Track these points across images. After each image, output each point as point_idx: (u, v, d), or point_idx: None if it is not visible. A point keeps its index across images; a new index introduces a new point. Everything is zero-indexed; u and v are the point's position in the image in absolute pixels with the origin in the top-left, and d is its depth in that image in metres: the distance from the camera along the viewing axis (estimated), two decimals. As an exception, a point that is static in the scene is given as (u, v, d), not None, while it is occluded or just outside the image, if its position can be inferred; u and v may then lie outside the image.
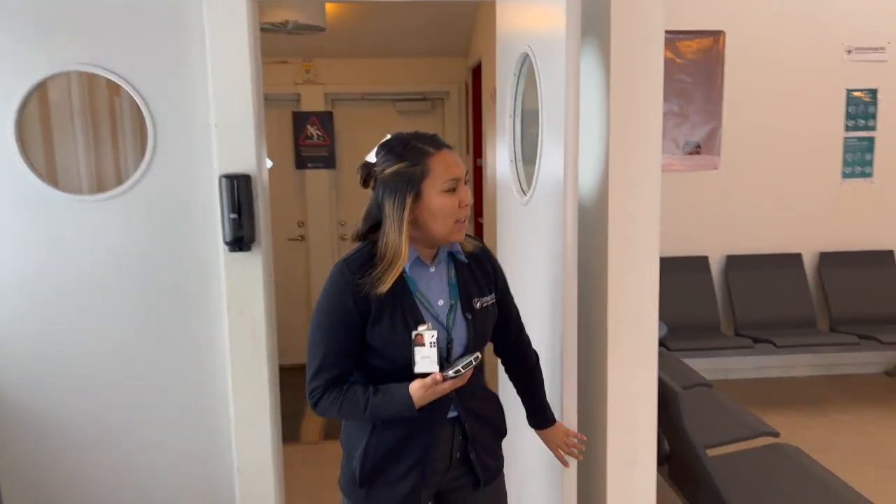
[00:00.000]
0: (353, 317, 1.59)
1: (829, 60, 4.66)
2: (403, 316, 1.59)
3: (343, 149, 5.76)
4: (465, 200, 1.61)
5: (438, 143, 1.62)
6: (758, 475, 2.57)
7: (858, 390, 4.61)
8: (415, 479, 1.66)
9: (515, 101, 2.40)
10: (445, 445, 1.69)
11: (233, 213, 2.58)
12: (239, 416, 2.77)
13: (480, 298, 1.70)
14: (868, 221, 4.81)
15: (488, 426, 1.77)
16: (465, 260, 1.70)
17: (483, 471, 1.74)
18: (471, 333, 1.65)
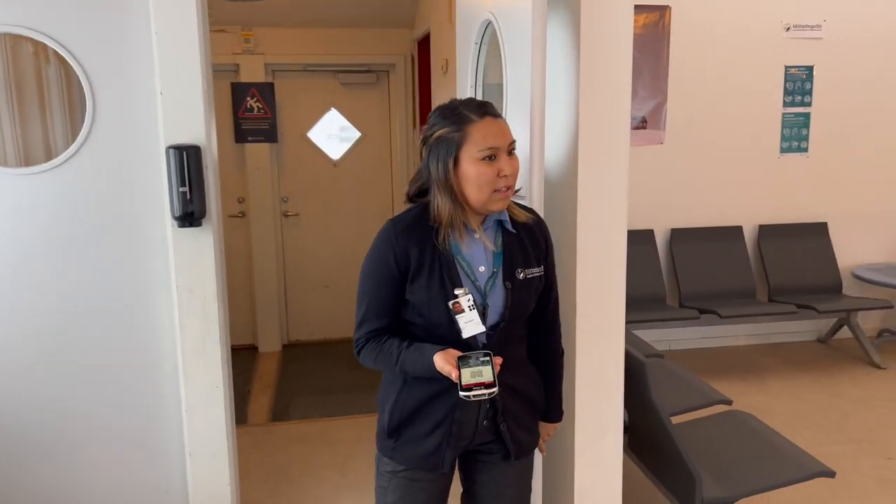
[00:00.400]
0: (394, 273, 1.64)
1: (769, 37, 4.77)
2: (441, 277, 1.62)
3: (285, 122, 5.58)
4: (504, 170, 1.59)
5: (484, 111, 1.61)
6: (716, 442, 2.63)
7: (794, 357, 4.80)
8: (440, 438, 1.68)
9: (477, 72, 2.34)
10: (472, 410, 1.68)
11: (182, 187, 2.45)
12: (190, 398, 2.66)
13: (526, 269, 1.68)
14: (804, 195, 4.98)
15: (523, 399, 1.76)
16: (512, 230, 1.69)
17: (514, 444, 1.74)
18: (508, 302, 1.65)
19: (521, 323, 1.73)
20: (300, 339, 5.97)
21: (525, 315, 1.72)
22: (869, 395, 4.14)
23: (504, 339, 1.67)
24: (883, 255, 5.14)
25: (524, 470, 1.85)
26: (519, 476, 1.83)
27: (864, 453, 3.44)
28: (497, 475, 1.79)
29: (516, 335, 1.73)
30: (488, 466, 1.78)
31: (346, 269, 5.92)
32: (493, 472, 1.78)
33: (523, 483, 1.86)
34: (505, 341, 1.67)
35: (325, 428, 3.83)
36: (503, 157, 1.61)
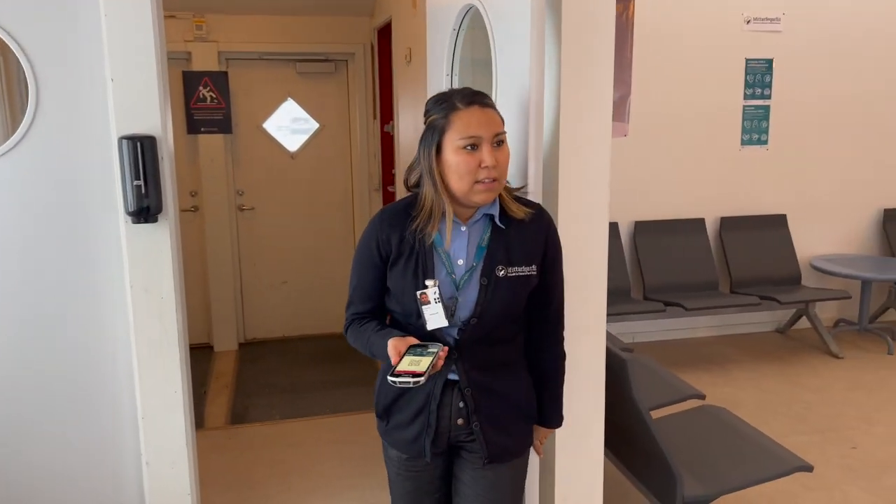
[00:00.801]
0: (376, 259, 1.65)
1: (730, 30, 4.78)
2: (416, 266, 1.61)
3: (240, 112, 5.39)
4: (486, 161, 1.54)
5: (472, 100, 1.57)
6: (693, 438, 2.60)
7: (755, 348, 4.85)
8: (419, 427, 1.68)
9: (454, 59, 2.24)
10: (445, 405, 1.67)
11: (136, 180, 2.29)
12: (147, 404, 2.50)
13: (509, 267, 1.61)
14: (764, 187, 5.03)
15: (505, 403, 1.69)
16: (501, 225, 1.63)
17: (488, 446, 1.68)
18: (480, 299, 1.60)
19: (503, 323, 1.65)
20: (257, 338, 5.80)
21: (505, 315, 1.63)
22: (829, 385, 4.20)
23: (477, 337, 1.62)
24: (839, 246, 5.23)
25: (507, 476, 1.75)
26: (499, 481, 1.74)
27: (829, 443, 3.48)
28: (477, 476, 1.73)
29: (496, 335, 1.66)
30: (470, 465, 1.73)
31: (305, 264, 5.77)
32: (475, 472, 1.73)
33: (505, 489, 1.76)
34: (479, 340, 1.63)
35: (289, 430, 3.70)
36: (486, 147, 1.55)
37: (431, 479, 1.76)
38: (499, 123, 1.59)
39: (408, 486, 1.77)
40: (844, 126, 5.06)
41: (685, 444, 2.52)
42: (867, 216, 5.24)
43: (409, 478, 1.76)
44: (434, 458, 1.72)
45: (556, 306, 1.73)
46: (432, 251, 1.61)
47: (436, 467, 1.75)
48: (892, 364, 4.51)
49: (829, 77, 4.96)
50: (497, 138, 1.57)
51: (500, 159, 1.57)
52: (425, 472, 1.75)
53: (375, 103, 5.46)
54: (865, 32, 4.96)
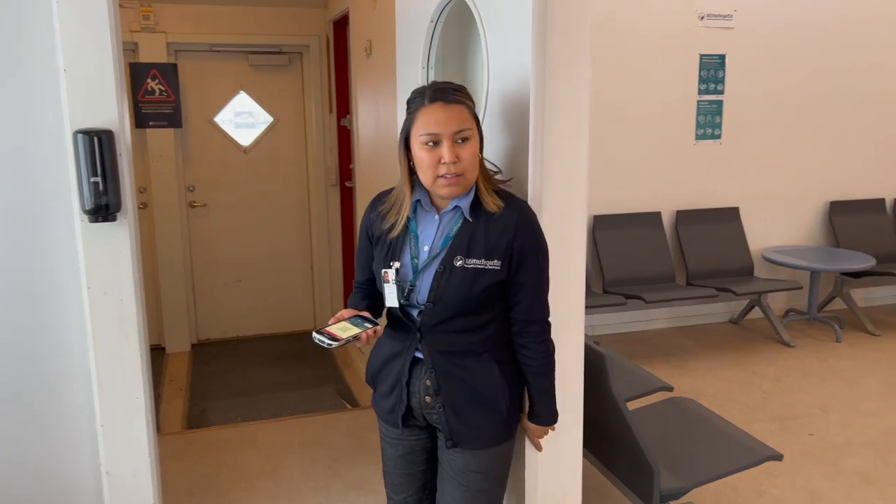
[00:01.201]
0: (365, 238, 1.80)
1: (685, 26, 4.85)
2: (388, 249, 1.71)
3: (190, 105, 5.22)
4: (444, 158, 1.59)
5: (435, 97, 1.61)
6: (665, 430, 2.62)
7: (711, 339, 4.94)
8: (394, 399, 1.76)
9: (430, 51, 2.19)
10: (415, 381, 1.74)
11: (93, 177, 2.18)
12: (106, 412, 2.39)
13: (468, 259, 1.64)
14: (717, 181, 5.12)
15: (465, 388, 1.71)
16: (468, 217, 1.67)
17: (450, 429, 1.73)
18: (434, 286, 1.66)
19: (461, 311, 1.66)
20: (211, 338, 5.64)
21: (460, 304, 1.65)
22: (783, 374, 4.30)
23: (436, 321, 1.67)
24: (788, 238, 5.38)
25: (481, 464, 1.74)
26: (471, 466, 1.74)
27: (788, 430, 3.56)
28: (448, 458, 1.78)
29: (460, 323, 1.67)
30: (443, 447, 1.79)
31: (259, 262, 5.63)
32: (446, 454, 1.78)
33: (478, 476, 1.75)
34: (438, 324, 1.68)
35: (251, 432, 3.60)
36: (447, 144, 1.59)
37: (414, 450, 1.84)
38: (462, 121, 1.60)
39: (392, 452, 1.86)
40: (793, 121, 5.19)
41: (657, 437, 2.54)
42: (814, 208, 5.40)
43: (392, 445, 1.85)
44: (415, 430, 1.81)
45: (527, 307, 1.69)
46: (405, 235, 1.70)
47: (418, 440, 1.83)
48: (842, 352, 4.66)
49: (778, 73, 5.08)
50: (459, 135, 1.59)
51: (463, 156, 1.60)
52: (407, 442, 1.83)
53: (331, 97, 5.36)
54: (813, 30, 5.10)
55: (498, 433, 1.74)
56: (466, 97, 1.63)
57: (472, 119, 1.62)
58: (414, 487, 1.87)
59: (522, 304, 1.69)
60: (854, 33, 5.19)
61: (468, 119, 1.61)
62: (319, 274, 5.74)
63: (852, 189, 5.45)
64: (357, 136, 4.53)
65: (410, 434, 1.82)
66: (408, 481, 1.87)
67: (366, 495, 2.99)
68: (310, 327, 5.88)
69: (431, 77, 2.21)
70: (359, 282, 1.86)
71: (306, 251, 5.73)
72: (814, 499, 2.95)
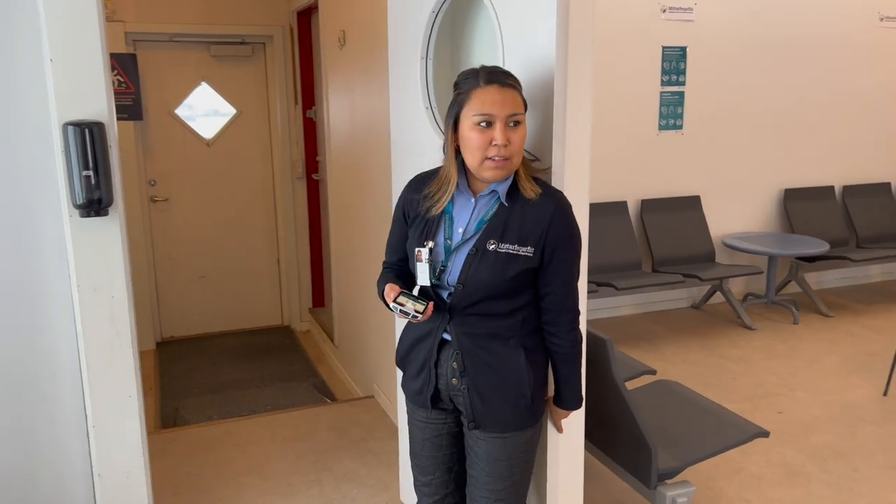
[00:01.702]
0: (401, 217, 1.82)
1: (648, 19, 4.95)
2: (423, 227, 1.74)
3: (150, 97, 5.08)
4: (496, 140, 1.59)
5: (491, 79, 1.61)
6: (655, 411, 2.69)
7: (677, 324, 5.09)
8: (423, 381, 1.80)
9: (429, 41, 2.18)
10: (443, 364, 1.77)
11: (85, 171, 2.11)
12: (98, 413, 2.33)
13: (501, 243, 1.66)
14: (679, 170, 5.26)
15: (491, 372, 1.72)
16: (504, 201, 1.67)
17: (473, 411, 1.75)
18: (465, 268, 1.67)
19: (490, 295, 1.67)
20: (175, 336, 5.52)
21: (490, 287, 1.66)
22: (748, 355, 4.46)
23: (466, 304, 1.69)
24: (747, 225, 5.56)
25: (504, 448, 1.77)
26: (492, 451, 1.77)
27: (758, 409, 3.70)
28: (472, 442, 1.81)
29: (489, 308, 1.69)
30: (467, 430, 1.82)
31: (224, 257, 5.53)
32: (470, 438, 1.82)
33: (502, 461, 1.78)
34: (468, 307, 1.70)
35: (231, 430, 3.54)
36: (499, 126, 1.59)
37: (441, 433, 1.86)
38: (516, 105, 1.61)
39: (419, 435, 1.89)
40: (749, 112, 5.36)
41: (650, 419, 2.61)
42: (770, 196, 5.59)
43: (420, 427, 1.88)
44: (442, 413, 1.84)
45: (559, 297, 1.71)
46: (441, 216, 1.72)
47: (445, 423, 1.85)
48: (800, 333, 4.85)
49: (736, 65, 5.24)
50: (512, 119, 1.60)
51: (514, 140, 1.61)
52: (435, 425, 1.85)
53: (297, 88, 5.29)
54: (770, 23, 5.27)
55: (520, 419, 1.76)
56: (517, 83, 1.64)
57: (522, 105, 1.63)
58: (441, 470, 1.89)
59: (554, 295, 1.71)
60: (808, 28, 5.39)
61: (520, 104, 1.63)
62: (287, 268, 5.67)
63: (805, 177, 5.67)
64: (327, 128, 4.49)
65: (438, 416, 1.85)
66: (435, 464, 1.89)
67: (358, 487, 2.98)
68: (277, 322, 5.81)
69: (431, 68, 2.21)
70: (391, 262, 1.88)
71: (272, 245, 5.65)
72: (790, 473, 3.08)
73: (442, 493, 1.91)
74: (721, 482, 3.00)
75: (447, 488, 1.90)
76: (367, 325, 4.03)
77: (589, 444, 2.63)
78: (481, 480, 1.79)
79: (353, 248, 4.19)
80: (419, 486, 1.94)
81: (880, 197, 5.87)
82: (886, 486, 2.97)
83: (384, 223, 3.54)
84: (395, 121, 2.50)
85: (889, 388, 3.92)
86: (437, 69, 2.32)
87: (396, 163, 2.53)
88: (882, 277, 6.19)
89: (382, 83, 3.29)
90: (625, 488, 2.94)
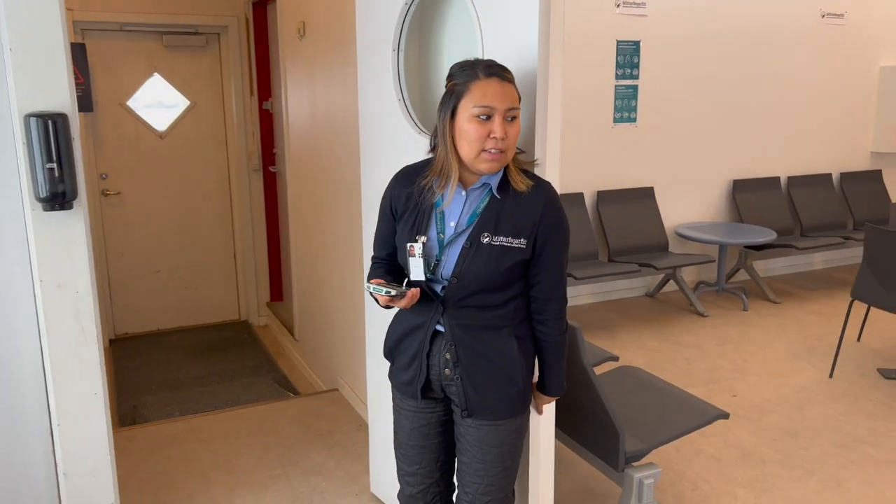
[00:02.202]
0: (388, 212, 1.82)
1: (603, 13, 5.04)
2: (414, 222, 1.74)
3: (100, 88, 4.94)
4: (495, 133, 1.61)
5: (491, 72, 1.62)
6: (620, 396, 2.76)
7: (632, 312, 5.21)
8: (414, 371, 1.82)
9: (401, 33, 2.19)
10: (435, 354, 1.79)
11: (49, 163, 2.05)
12: (63, 410, 2.28)
13: (495, 236, 1.68)
14: (634, 162, 5.37)
15: (484, 362, 1.75)
16: (497, 195, 1.69)
17: (466, 399, 1.78)
18: (460, 261, 1.69)
19: (484, 287, 1.70)
20: (129, 332, 5.40)
21: (484, 279, 1.69)
22: (701, 341, 4.61)
23: (460, 296, 1.72)
24: (698, 215, 5.72)
25: (495, 437, 1.80)
26: (484, 439, 1.80)
27: (714, 393, 3.83)
28: (464, 430, 1.84)
29: (483, 300, 1.71)
30: (459, 418, 1.84)
31: (179, 251, 5.43)
32: (463, 427, 1.84)
33: (493, 449, 1.81)
34: (462, 299, 1.72)
35: (194, 426, 3.49)
36: (498, 119, 1.61)
37: (429, 422, 1.88)
38: (514, 99, 1.64)
39: (407, 424, 1.90)
40: (700, 105, 5.51)
41: (616, 403, 2.68)
42: (720, 187, 5.77)
43: (408, 417, 1.90)
44: (431, 402, 1.86)
45: (547, 286, 1.74)
46: (431, 210, 1.73)
47: (433, 412, 1.87)
48: (749, 319, 5.03)
49: (688, 59, 5.38)
50: (510, 113, 1.63)
51: (510, 133, 1.64)
52: (423, 414, 1.87)
53: (252, 79, 5.22)
54: (719, 19, 5.42)
55: (512, 406, 1.79)
56: (513, 78, 1.67)
57: (518, 99, 1.66)
58: (427, 459, 1.91)
59: (544, 284, 1.74)
60: (755, 24, 5.56)
61: (517, 99, 1.65)
62: (244, 261, 5.60)
63: (753, 169, 5.86)
64: (286, 120, 4.44)
65: (427, 406, 1.87)
66: (421, 453, 1.90)
67: (327, 479, 2.99)
68: (234, 318, 5.73)
69: (402, 60, 2.22)
70: (379, 257, 1.88)
71: (228, 238, 5.57)
72: (745, 454, 3.20)
73: (427, 483, 1.93)
74: (681, 464, 3.10)
75: (432, 477, 1.93)
76: (330, 319, 4.01)
77: (557, 431, 2.68)
78: (473, 467, 1.82)
79: (313, 241, 4.17)
80: (404, 476, 1.95)
81: (823, 187, 6.11)
82: (835, 463, 3.12)
83: (347, 215, 3.53)
84: (363, 113, 2.50)
85: (834, 371, 4.10)
86: (406, 61, 2.33)
87: (366, 155, 2.54)
88: (823, 265, 6.45)
89: (346, 74, 3.28)
90: (590, 472, 3.02)
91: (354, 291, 3.58)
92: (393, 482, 2.72)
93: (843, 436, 3.35)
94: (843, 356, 4.31)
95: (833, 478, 3.00)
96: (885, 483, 2.96)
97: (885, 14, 6.14)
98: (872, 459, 3.14)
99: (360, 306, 3.50)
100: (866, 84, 6.23)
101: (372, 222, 2.59)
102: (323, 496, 2.87)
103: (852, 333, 4.69)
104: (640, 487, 2.43)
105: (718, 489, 2.92)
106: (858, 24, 6.03)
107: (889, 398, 3.75)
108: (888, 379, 3.99)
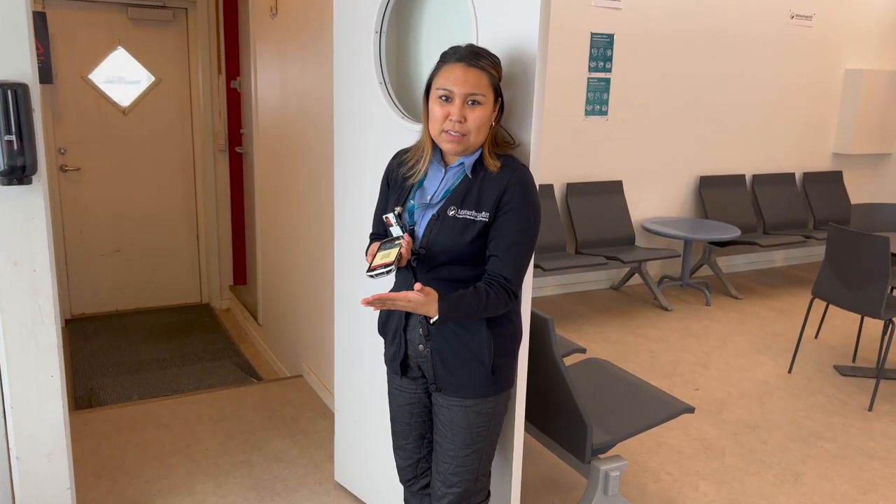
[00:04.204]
0: (385, 188, 1.90)
1: (578, 6, 5.03)
2: (397, 195, 1.84)
3: (62, 60, 4.78)
4: (452, 115, 1.66)
5: (461, 57, 1.67)
6: (587, 388, 2.77)
7: (597, 304, 5.25)
8: (395, 348, 1.88)
9: (384, 15, 2.14)
10: (412, 330, 1.84)
11: (7, 135, 1.96)
12: (17, 393, 2.20)
13: (460, 209, 1.73)
14: (603, 155, 5.40)
15: (453, 339, 1.78)
16: (467, 173, 1.75)
17: (434, 373, 1.82)
18: (427, 232, 1.75)
19: (450, 259, 1.73)
20: (86, 313, 5.26)
21: (449, 251, 1.73)
22: (665, 335, 4.66)
23: (428, 268, 1.77)
24: (664, 210, 5.78)
25: (464, 417, 1.81)
26: (454, 419, 1.82)
27: (677, 386, 3.88)
28: (437, 409, 1.88)
29: (452, 274, 1.75)
30: (434, 397, 1.88)
31: (140, 231, 5.30)
32: (436, 406, 1.88)
33: (461, 429, 1.82)
34: (429, 271, 1.77)
35: (153, 410, 3.41)
36: (457, 102, 1.66)
37: (412, 401, 1.93)
38: (477, 85, 1.66)
39: (395, 401, 1.96)
40: (669, 101, 5.55)
41: (584, 396, 2.68)
42: (687, 182, 5.83)
43: (395, 395, 1.96)
44: (413, 382, 1.90)
45: (498, 264, 1.68)
46: (414, 186, 1.81)
47: (415, 392, 1.91)
48: (712, 314, 5.11)
49: (659, 55, 5.40)
50: (471, 97, 1.66)
51: (469, 118, 1.67)
52: (407, 393, 1.93)
53: (220, 56, 5.09)
54: (690, 17, 5.45)
55: (480, 385, 1.79)
56: (492, 66, 1.68)
57: (489, 87, 1.67)
58: (413, 437, 1.97)
59: (495, 259, 1.69)
60: (724, 23, 5.61)
61: (484, 86, 1.67)
62: (207, 243, 5.49)
63: (719, 166, 5.94)
64: (255, 101, 4.35)
65: (409, 385, 1.91)
66: (408, 430, 1.97)
67: (290, 467, 2.94)
68: (197, 300, 5.62)
69: (384, 42, 2.17)
70: (376, 233, 1.95)
71: (192, 219, 5.45)
72: (706, 446, 3.24)
73: (415, 458, 1.99)
74: (645, 456, 3.13)
75: (420, 453, 1.98)
76: (296, 304, 3.95)
77: (526, 424, 2.68)
78: (444, 447, 1.86)
79: (281, 225, 4.10)
80: (396, 449, 2.03)
81: (786, 186, 6.22)
82: (792, 457, 3.18)
83: (316, 198, 3.47)
84: (339, 96, 2.45)
85: (793, 367, 4.18)
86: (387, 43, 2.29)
87: (340, 138, 2.48)
88: (784, 262, 6.58)
89: (320, 55, 3.21)
90: (554, 463, 3.03)
91: (321, 277, 3.52)
92: (359, 472, 2.69)
93: (801, 430, 3.42)
94: (802, 352, 4.40)
95: (791, 471, 3.06)
96: (840, 478, 3.03)
97: (852, 18, 6.26)
98: (828, 454, 3.21)
99: (327, 293, 3.45)
100: (831, 86, 6.35)
101: (345, 206, 2.55)
102: (286, 483, 2.83)
103: (811, 331, 4.79)
104: (605, 479, 2.45)
105: (681, 481, 2.96)
106: (826, 27, 6.13)
107: (844, 394, 3.84)
108: (844, 376, 4.09)
